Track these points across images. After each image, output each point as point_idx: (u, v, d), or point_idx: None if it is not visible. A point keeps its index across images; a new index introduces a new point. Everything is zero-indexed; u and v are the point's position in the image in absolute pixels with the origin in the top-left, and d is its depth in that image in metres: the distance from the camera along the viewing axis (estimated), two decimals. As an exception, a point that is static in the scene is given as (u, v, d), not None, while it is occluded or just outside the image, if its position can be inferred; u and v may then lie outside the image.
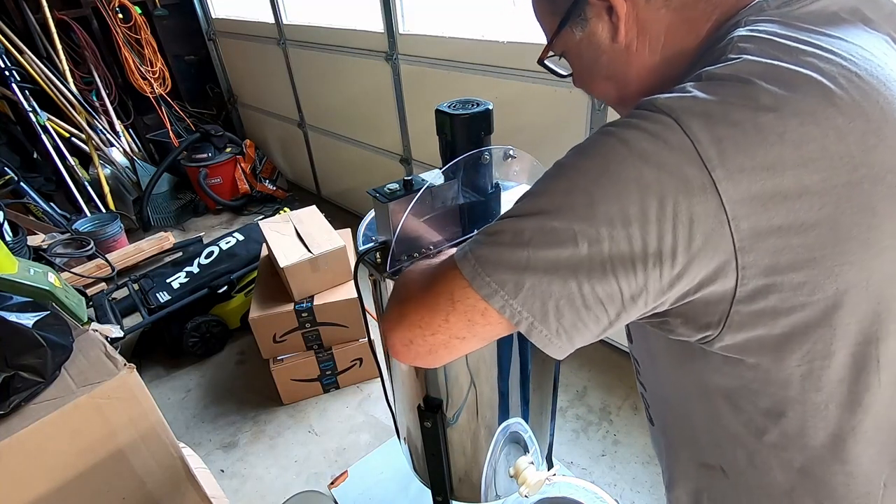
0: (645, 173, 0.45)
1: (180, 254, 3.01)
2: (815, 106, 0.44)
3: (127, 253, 3.02)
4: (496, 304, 0.49)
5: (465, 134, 0.89)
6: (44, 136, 3.27)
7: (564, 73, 0.71)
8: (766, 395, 0.53)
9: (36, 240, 2.91)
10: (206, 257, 2.48)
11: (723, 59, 0.48)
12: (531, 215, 0.49)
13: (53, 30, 3.34)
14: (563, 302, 0.49)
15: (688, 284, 0.47)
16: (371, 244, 0.93)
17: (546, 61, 0.72)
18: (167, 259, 3.02)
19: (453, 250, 0.77)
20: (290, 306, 1.98)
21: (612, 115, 1.77)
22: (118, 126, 3.71)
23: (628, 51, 0.58)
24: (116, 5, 3.49)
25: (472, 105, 0.89)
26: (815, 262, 0.45)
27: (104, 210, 3.45)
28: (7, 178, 3.07)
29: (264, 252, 2.31)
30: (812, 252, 0.45)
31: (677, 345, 0.58)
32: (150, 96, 3.75)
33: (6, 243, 1.54)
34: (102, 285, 2.58)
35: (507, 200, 1.02)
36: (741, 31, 0.49)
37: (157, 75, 3.77)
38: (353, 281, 1.06)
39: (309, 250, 1.98)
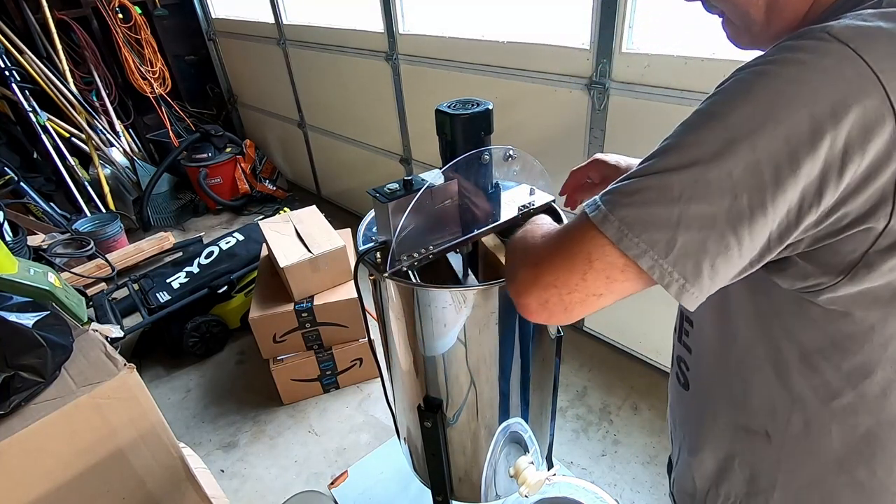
0: (817, 113, 0.42)
1: (180, 254, 3.01)
2: None
3: (127, 253, 3.02)
4: (645, 265, 0.48)
5: (465, 134, 0.89)
6: (44, 136, 3.28)
7: None
8: (857, 354, 0.53)
9: (36, 240, 2.91)
10: (206, 257, 2.48)
11: None
12: (680, 168, 0.46)
13: (53, 30, 3.34)
14: (720, 259, 0.47)
15: (837, 224, 0.46)
16: (371, 244, 0.93)
17: None
18: (167, 259, 3.02)
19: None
20: (290, 306, 1.98)
21: (614, 115, 1.77)
22: (118, 126, 3.71)
23: None
24: (116, 5, 3.49)
25: (472, 105, 0.89)
26: None
27: (104, 210, 3.45)
28: (7, 178, 3.07)
29: (264, 252, 2.31)
30: None
31: (765, 298, 0.56)
32: (150, 96, 3.76)
33: (6, 243, 1.54)
34: (102, 285, 2.58)
35: (507, 200, 1.02)
36: None
37: (157, 75, 3.77)
38: (353, 281, 1.06)
39: (309, 250, 1.98)
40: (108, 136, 3.62)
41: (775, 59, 0.45)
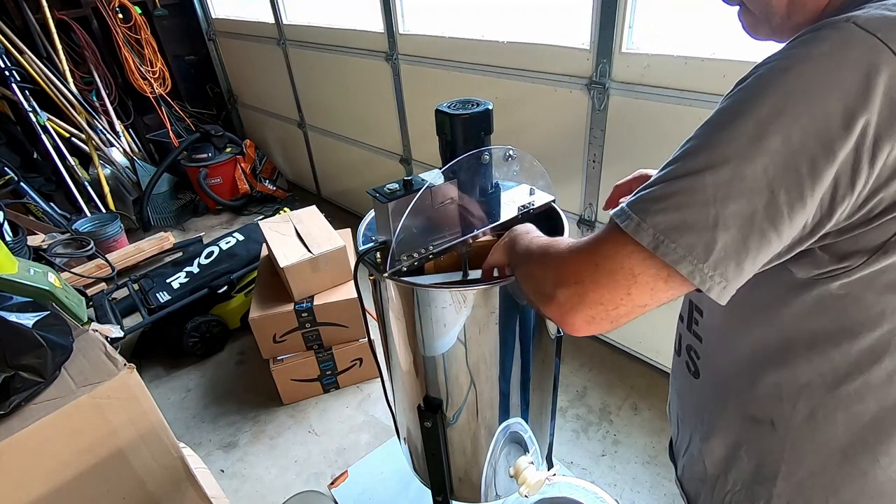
0: (849, 104, 0.42)
1: (180, 254, 3.01)
2: None
3: (127, 253, 3.02)
4: (684, 270, 0.47)
5: (465, 134, 0.89)
6: (44, 136, 3.28)
7: None
8: (867, 340, 0.53)
9: (36, 240, 2.91)
10: (206, 257, 2.48)
11: None
12: (711, 168, 0.46)
13: (53, 30, 3.34)
14: (762, 255, 0.47)
15: (871, 212, 0.46)
16: (371, 244, 0.93)
17: None
18: (167, 259, 3.02)
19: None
20: (290, 306, 1.98)
21: (614, 115, 1.77)
22: (118, 126, 3.71)
23: None
24: (116, 5, 3.49)
25: (472, 105, 0.89)
26: None
27: (104, 210, 3.45)
28: (7, 178, 3.07)
29: (264, 252, 2.31)
30: None
31: (775, 286, 0.57)
32: (150, 96, 3.75)
33: (6, 243, 1.54)
34: (102, 285, 2.58)
35: (507, 200, 1.02)
36: None
37: (157, 75, 3.77)
38: (353, 281, 1.06)
39: (309, 250, 1.98)
40: (108, 136, 3.62)
41: (800, 54, 0.45)
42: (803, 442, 0.61)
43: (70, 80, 3.42)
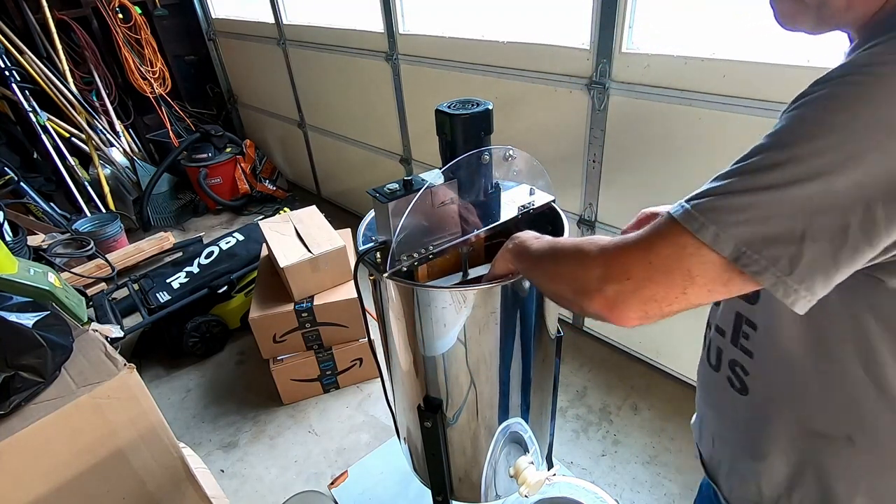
0: None
1: (180, 254, 3.01)
2: None
3: (127, 253, 3.02)
4: (767, 282, 0.47)
5: (465, 134, 0.89)
6: (44, 136, 3.28)
7: None
8: None
9: (36, 240, 2.91)
10: (206, 257, 2.48)
11: None
12: (800, 181, 0.44)
13: (53, 30, 3.34)
14: (851, 267, 0.46)
15: None
16: (371, 244, 0.93)
17: None
18: (167, 259, 3.02)
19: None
20: (290, 306, 1.98)
21: (614, 115, 1.77)
22: (118, 126, 3.71)
23: None
24: (116, 5, 3.49)
25: (472, 105, 0.89)
26: None
27: (104, 210, 3.45)
28: (7, 178, 3.07)
29: (264, 252, 2.31)
30: None
31: (859, 294, 0.54)
32: (150, 96, 3.76)
33: (6, 243, 1.54)
34: (102, 285, 2.58)
35: (507, 200, 1.02)
36: None
37: (157, 75, 3.77)
38: (353, 281, 1.06)
39: (309, 250, 1.98)
40: (108, 136, 3.63)
41: (893, 61, 0.43)
42: (889, 455, 0.58)
43: (70, 80, 3.42)
